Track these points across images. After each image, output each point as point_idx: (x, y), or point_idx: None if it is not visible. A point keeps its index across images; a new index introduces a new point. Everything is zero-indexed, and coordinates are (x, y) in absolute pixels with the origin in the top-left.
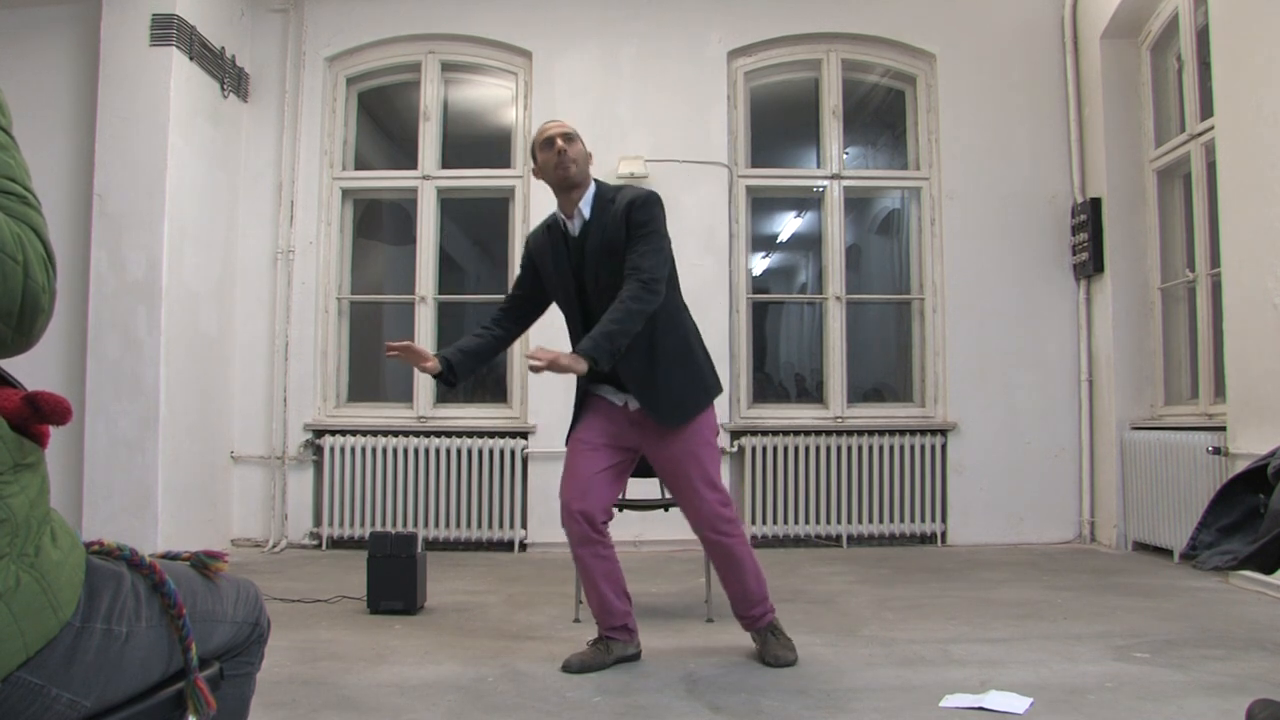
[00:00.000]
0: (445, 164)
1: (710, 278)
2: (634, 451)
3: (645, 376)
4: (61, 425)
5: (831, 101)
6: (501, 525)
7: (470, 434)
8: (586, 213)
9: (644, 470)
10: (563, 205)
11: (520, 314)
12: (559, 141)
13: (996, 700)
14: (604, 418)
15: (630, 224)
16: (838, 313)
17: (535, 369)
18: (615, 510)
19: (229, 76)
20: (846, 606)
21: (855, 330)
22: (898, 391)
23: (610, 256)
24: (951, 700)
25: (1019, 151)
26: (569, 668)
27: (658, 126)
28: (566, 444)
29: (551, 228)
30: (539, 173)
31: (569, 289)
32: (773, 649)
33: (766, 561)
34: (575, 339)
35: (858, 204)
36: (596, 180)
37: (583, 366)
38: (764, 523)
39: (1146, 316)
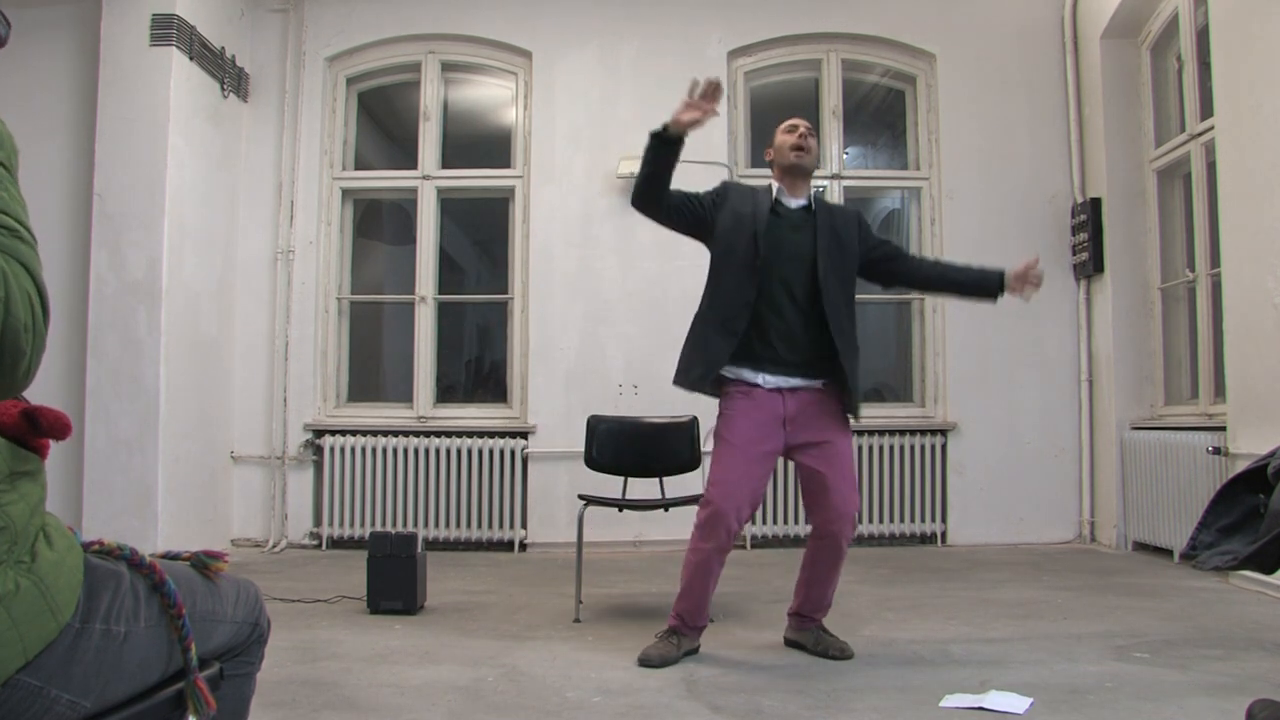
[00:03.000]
0: (445, 164)
1: None
2: (780, 452)
3: (851, 363)
4: (61, 440)
5: (831, 101)
6: (501, 525)
7: (470, 434)
8: (812, 202)
9: (643, 471)
10: (787, 185)
11: (679, 203)
12: (802, 128)
13: (996, 700)
14: (756, 422)
15: (863, 234)
16: None
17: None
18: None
19: (229, 76)
20: (846, 606)
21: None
22: (898, 391)
23: (840, 248)
24: (951, 700)
25: (1019, 151)
26: (649, 662)
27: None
28: (717, 442)
29: (761, 193)
30: (772, 153)
31: (756, 246)
32: (835, 644)
33: (767, 561)
34: (730, 303)
35: (858, 204)
36: None
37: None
38: (764, 523)
39: (1146, 316)
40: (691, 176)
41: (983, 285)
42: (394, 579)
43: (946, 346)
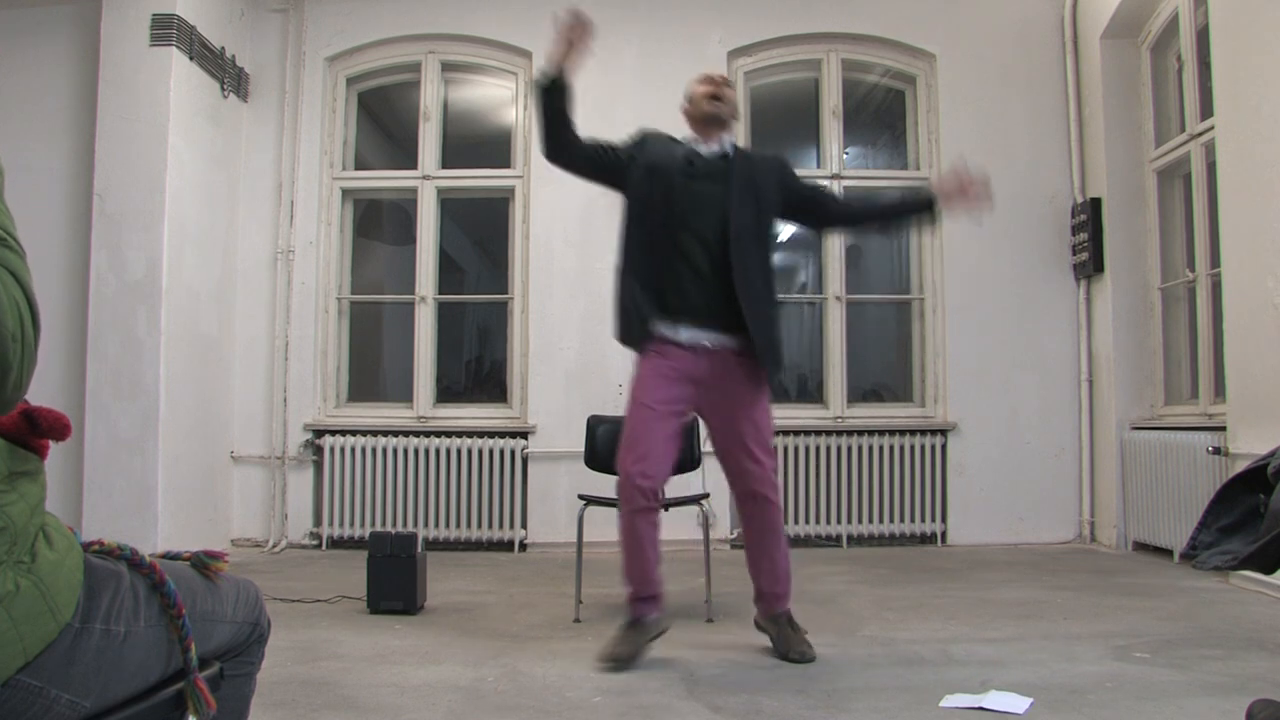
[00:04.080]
0: (445, 164)
1: None
2: (691, 411)
3: (758, 316)
4: (60, 441)
5: (831, 101)
6: (501, 525)
7: (470, 434)
8: (729, 148)
9: None
10: (702, 137)
11: (592, 152)
12: (717, 78)
13: (996, 700)
14: (666, 379)
15: (785, 181)
16: (838, 313)
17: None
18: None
19: (229, 76)
20: (846, 606)
21: (855, 330)
22: (898, 391)
23: (756, 200)
24: (951, 700)
25: (1019, 151)
26: (619, 659)
27: (658, 126)
28: (628, 401)
29: (676, 141)
30: (687, 109)
31: (669, 197)
32: (795, 644)
33: None
34: (645, 258)
35: None
36: None
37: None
38: None
39: (1146, 316)
40: None
41: (912, 204)
42: (394, 579)
43: (946, 346)
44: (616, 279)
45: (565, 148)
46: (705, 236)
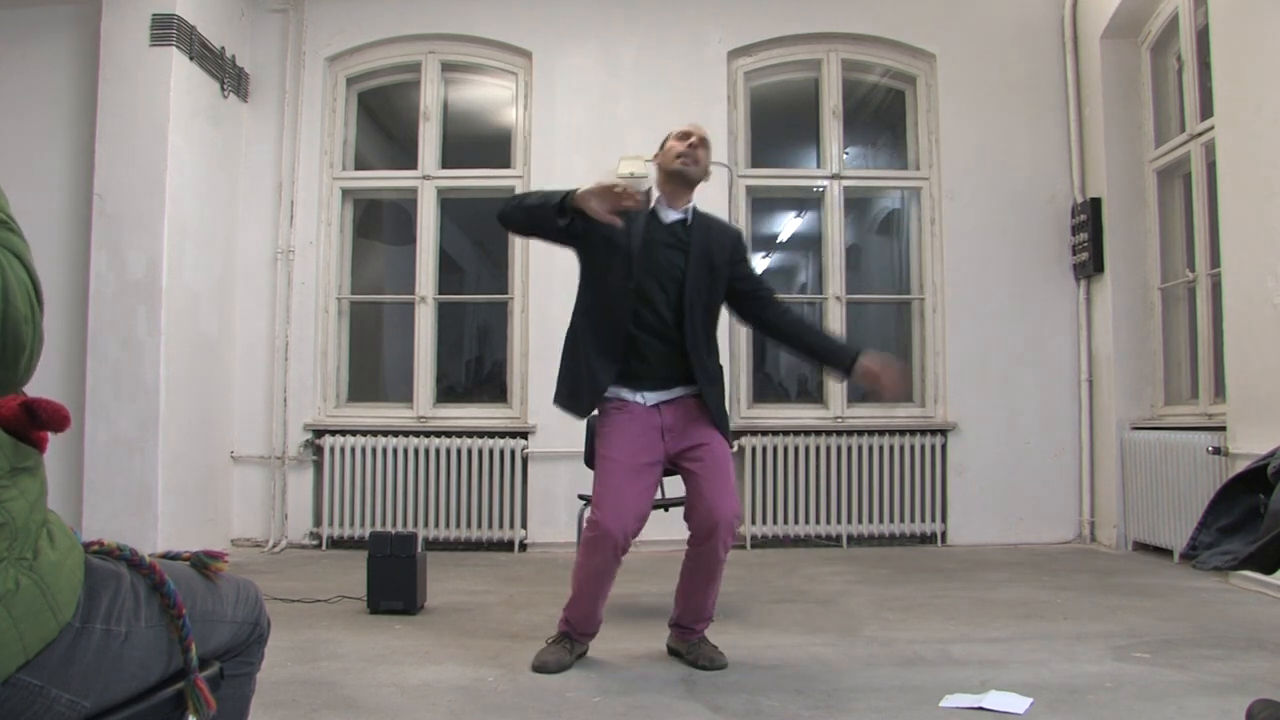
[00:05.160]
0: (445, 164)
1: None
2: (663, 462)
3: (711, 393)
4: (60, 432)
5: (831, 101)
6: (501, 525)
7: (470, 434)
8: (689, 217)
9: None
10: (668, 194)
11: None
12: (694, 138)
13: (996, 700)
14: (634, 432)
15: (735, 257)
16: (838, 313)
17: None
18: None
19: (229, 76)
20: (846, 606)
21: (855, 330)
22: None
23: (710, 272)
24: (951, 700)
25: (1019, 151)
26: (546, 668)
27: (658, 126)
28: (599, 459)
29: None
30: (659, 157)
31: (628, 265)
32: (706, 652)
33: (767, 561)
34: (608, 328)
35: (858, 204)
36: None
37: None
38: (764, 523)
39: (1146, 316)
40: None
41: (833, 360)
42: (394, 579)
43: (946, 346)
44: (574, 346)
45: (521, 229)
46: (659, 306)
